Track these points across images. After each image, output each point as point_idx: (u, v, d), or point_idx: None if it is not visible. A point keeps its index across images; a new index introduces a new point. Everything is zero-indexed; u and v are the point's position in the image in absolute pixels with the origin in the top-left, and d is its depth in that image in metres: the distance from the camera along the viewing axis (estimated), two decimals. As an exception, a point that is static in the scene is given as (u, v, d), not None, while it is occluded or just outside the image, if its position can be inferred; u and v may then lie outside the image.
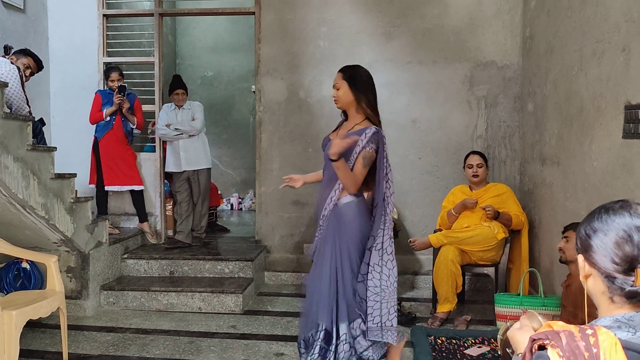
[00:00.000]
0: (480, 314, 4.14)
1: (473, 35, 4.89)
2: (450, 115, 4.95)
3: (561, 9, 3.70)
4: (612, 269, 1.15)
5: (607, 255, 1.16)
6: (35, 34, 5.29)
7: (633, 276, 1.13)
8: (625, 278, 1.14)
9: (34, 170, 3.50)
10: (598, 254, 1.17)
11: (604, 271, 1.17)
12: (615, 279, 1.15)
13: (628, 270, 1.14)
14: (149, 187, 5.32)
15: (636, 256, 1.13)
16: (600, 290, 1.20)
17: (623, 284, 1.14)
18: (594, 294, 1.22)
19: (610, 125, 2.85)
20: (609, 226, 1.17)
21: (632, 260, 1.13)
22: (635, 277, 1.13)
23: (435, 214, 4.58)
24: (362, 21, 5.01)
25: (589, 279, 1.22)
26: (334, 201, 2.69)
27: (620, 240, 1.14)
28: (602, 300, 1.20)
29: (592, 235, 1.19)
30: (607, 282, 1.17)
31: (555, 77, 3.82)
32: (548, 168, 4.00)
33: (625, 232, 1.14)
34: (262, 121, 5.15)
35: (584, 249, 1.22)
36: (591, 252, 1.19)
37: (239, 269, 4.68)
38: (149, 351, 3.50)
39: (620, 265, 1.14)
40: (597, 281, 1.20)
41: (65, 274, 4.15)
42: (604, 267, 1.17)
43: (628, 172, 2.64)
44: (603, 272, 1.17)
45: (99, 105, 4.94)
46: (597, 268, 1.18)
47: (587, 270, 1.22)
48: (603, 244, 1.17)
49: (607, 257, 1.16)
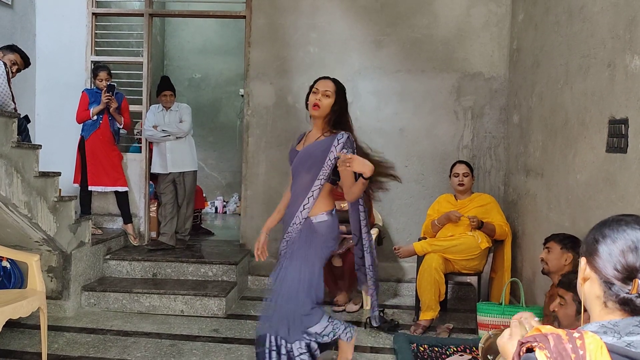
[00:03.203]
0: (462, 323, 4.17)
1: (461, 46, 4.95)
2: (437, 125, 4.99)
3: (548, 24, 3.76)
4: (613, 275, 1.20)
5: (611, 262, 1.20)
6: (23, 30, 5.24)
7: (630, 285, 1.18)
8: (622, 286, 1.19)
9: (17, 167, 3.46)
10: (602, 259, 1.22)
11: (604, 276, 1.21)
12: (613, 285, 1.20)
13: (626, 279, 1.18)
14: (133, 188, 5.28)
15: (638, 267, 1.18)
16: (596, 294, 1.24)
17: (619, 291, 1.19)
18: (588, 297, 1.26)
19: (594, 139, 2.90)
20: (619, 235, 1.21)
21: (633, 270, 1.18)
22: (632, 286, 1.18)
23: (420, 222, 4.61)
24: (352, 29, 5.04)
25: (587, 282, 1.26)
26: (304, 215, 2.73)
27: (627, 250, 1.19)
28: (595, 304, 1.24)
29: (600, 240, 1.24)
30: (605, 287, 1.22)
31: (541, 90, 3.88)
32: (532, 179, 4.05)
33: (633, 243, 1.19)
34: (250, 125, 5.15)
35: (589, 252, 1.26)
36: (595, 256, 1.23)
37: (223, 272, 4.66)
38: (130, 353, 3.47)
39: (621, 272, 1.19)
40: (594, 285, 1.24)
41: (46, 274, 4.10)
42: (605, 272, 1.21)
43: (611, 185, 2.69)
44: (603, 276, 1.22)
45: (85, 104, 4.90)
46: (598, 272, 1.23)
47: (586, 274, 1.26)
48: (609, 250, 1.21)
49: (610, 263, 1.20)
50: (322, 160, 2.67)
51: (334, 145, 2.65)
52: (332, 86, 2.76)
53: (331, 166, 2.70)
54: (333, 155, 2.64)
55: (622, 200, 2.57)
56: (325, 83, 2.79)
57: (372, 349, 3.62)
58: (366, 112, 5.04)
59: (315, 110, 2.75)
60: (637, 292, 1.17)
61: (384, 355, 3.51)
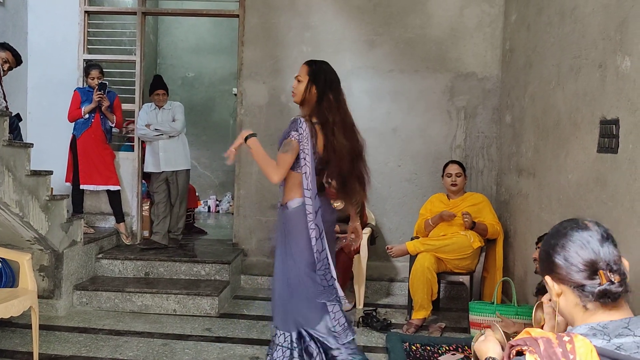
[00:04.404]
0: (454, 322, 4.19)
1: (454, 47, 4.96)
2: (430, 125, 5.01)
3: (541, 25, 3.78)
4: (580, 277, 1.23)
5: (572, 267, 1.24)
6: (15, 28, 5.20)
7: (598, 278, 1.21)
8: (592, 283, 1.22)
9: (9, 166, 3.44)
10: (563, 268, 1.25)
11: (573, 282, 1.24)
12: (585, 286, 1.22)
13: (592, 275, 1.22)
14: (126, 187, 5.26)
15: (596, 260, 1.22)
16: (573, 303, 1.26)
17: (592, 288, 1.21)
18: (568, 310, 1.28)
19: (586, 139, 2.92)
20: (566, 240, 1.26)
21: (593, 264, 1.22)
22: (600, 278, 1.21)
23: (412, 222, 4.62)
24: (345, 28, 5.04)
25: (561, 297, 1.28)
26: (279, 201, 2.67)
27: (579, 250, 1.23)
28: (576, 312, 1.25)
29: (552, 252, 1.28)
30: (578, 292, 1.24)
31: (534, 90, 3.90)
32: (524, 179, 4.07)
33: (581, 242, 1.24)
34: (243, 124, 5.15)
35: (549, 269, 1.29)
36: (556, 269, 1.27)
37: (216, 271, 4.65)
38: (122, 353, 3.45)
39: (585, 271, 1.22)
40: (568, 296, 1.26)
41: (37, 273, 4.08)
42: (571, 279, 1.24)
43: (602, 185, 2.71)
44: (572, 283, 1.24)
45: (77, 102, 4.87)
46: (566, 282, 1.25)
47: (557, 289, 1.28)
48: (565, 258, 1.25)
49: (571, 269, 1.24)
50: None
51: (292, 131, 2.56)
52: (304, 69, 2.64)
53: None
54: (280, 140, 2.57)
55: (612, 199, 2.59)
56: (300, 68, 2.67)
57: (365, 348, 3.62)
58: (359, 111, 5.01)
59: (293, 97, 2.69)
60: (608, 280, 1.20)
61: (376, 354, 3.52)
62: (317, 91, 2.61)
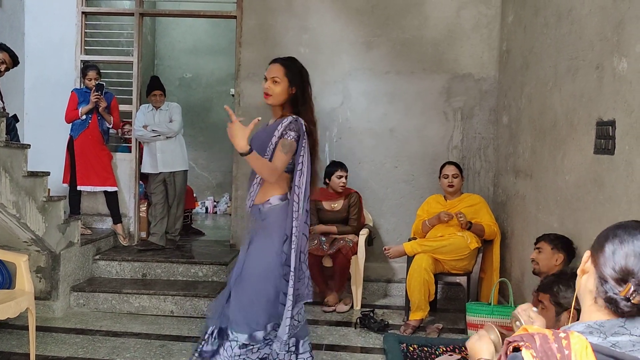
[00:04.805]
0: (451, 323, 4.19)
1: (451, 48, 4.97)
2: (427, 126, 5.01)
3: (537, 26, 3.79)
4: (609, 273, 1.21)
5: (611, 261, 1.21)
6: (11, 29, 5.20)
7: (622, 287, 1.18)
8: (615, 285, 1.20)
9: (6, 167, 3.43)
10: (605, 256, 1.23)
11: (601, 272, 1.22)
12: (607, 282, 1.21)
13: (621, 281, 1.19)
14: (123, 188, 5.26)
15: (634, 273, 1.18)
16: (589, 289, 1.25)
17: (610, 290, 1.20)
18: (583, 289, 1.27)
19: (582, 141, 2.93)
20: (630, 239, 1.21)
21: (629, 274, 1.19)
22: (624, 289, 1.18)
23: (410, 223, 4.62)
24: (343, 30, 5.05)
25: (585, 275, 1.28)
26: (249, 204, 2.57)
27: (630, 254, 1.20)
28: (587, 298, 1.25)
29: (610, 238, 1.24)
30: (598, 282, 1.23)
31: (530, 91, 3.91)
32: (521, 180, 4.08)
33: (637, 250, 1.20)
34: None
35: (596, 247, 1.27)
36: (600, 252, 1.24)
37: (213, 272, 4.65)
38: (119, 354, 3.45)
39: (617, 273, 1.20)
40: (590, 279, 1.25)
41: (34, 274, 4.07)
42: (602, 269, 1.22)
43: (599, 186, 2.72)
44: (599, 272, 1.23)
45: (74, 103, 4.86)
46: (597, 267, 1.24)
47: (586, 266, 1.28)
48: (614, 250, 1.22)
49: (610, 262, 1.21)
50: (266, 145, 2.50)
51: (278, 129, 2.48)
52: (280, 71, 2.52)
53: (273, 151, 2.49)
54: (275, 140, 2.47)
55: (609, 201, 2.60)
56: (273, 68, 2.54)
57: (362, 349, 3.63)
58: (356, 113, 5.06)
59: (266, 99, 2.55)
60: (626, 296, 1.17)
61: (373, 355, 3.52)
62: (299, 92, 2.55)
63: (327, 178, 4.61)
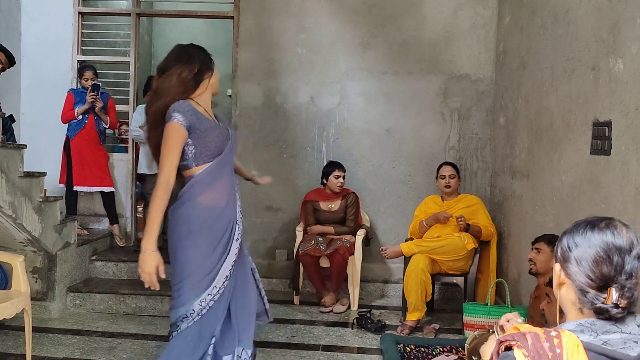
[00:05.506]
0: (448, 323, 4.20)
1: (448, 48, 4.98)
2: (424, 126, 5.02)
3: (534, 27, 3.80)
4: (586, 284, 1.19)
5: (584, 271, 1.19)
6: (8, 29, 5.18)
7: (605, 293, 1.16)
8: (597, 294, 1.18)
9: (2, 167, 3.42)
10: (575, 267, 1.21)
11: (578, 284, 1.20)
12: (588, 293, 1.19)
13: (602, 288, 1.17)
14: (120, 189, 5.25)
15: (612, 276, 1.16)
16: (571, 300, 1.23)
17: (594, 299, 1.18)
18: (565, 302, 1.25)
19: (579, 141, 2.93)
20: (591, 243, 1.19)
21: (608, 279, 1.16)
22: (607, 295, 1.16)
23: (407, 223, 4.63)
24: (340, 30, 5.05)
25: (562, 287, 1.26)
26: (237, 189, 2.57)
27: (599, 259, 1.17)
28: (572, 310, 1.24)
29: (573, 248, 1.22)
30: (579, 294, 1.21)
31: (527, 92, 3.92)
32: (518, 181, 4.09)
33: (605, 252, 1.17)
34: (238, 125, 5.14)
35: (563, 259, 1.25)
36: (569, 263, 1.22)
37: (210, 273, 4.63)
38: (116, 355, 3.44)
39: (595, 282, 1.18)
40: (569, 291, 1.24)
41: (31, 275, 4.06)
42: (578, 280, 1.20)
43: (595, 187, 2.72)
44: (577, 284, 1.21)
45: (71, 104, 4.85)
46: (572, 279, 1.22)
47: (561, 279, 1.26)
48: (582, 260, 1.20)
49: (583, 273, 1.19)
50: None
51: None
52: None
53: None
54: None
55: (605, 201, 2.61)
56: None
57: (359, 350, 3.63)
58: (354, 113, 5.06)
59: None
60: (612, 302, 1.15)
61: (371, 356, 3.52)
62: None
63: (325, 178, 4.61)
